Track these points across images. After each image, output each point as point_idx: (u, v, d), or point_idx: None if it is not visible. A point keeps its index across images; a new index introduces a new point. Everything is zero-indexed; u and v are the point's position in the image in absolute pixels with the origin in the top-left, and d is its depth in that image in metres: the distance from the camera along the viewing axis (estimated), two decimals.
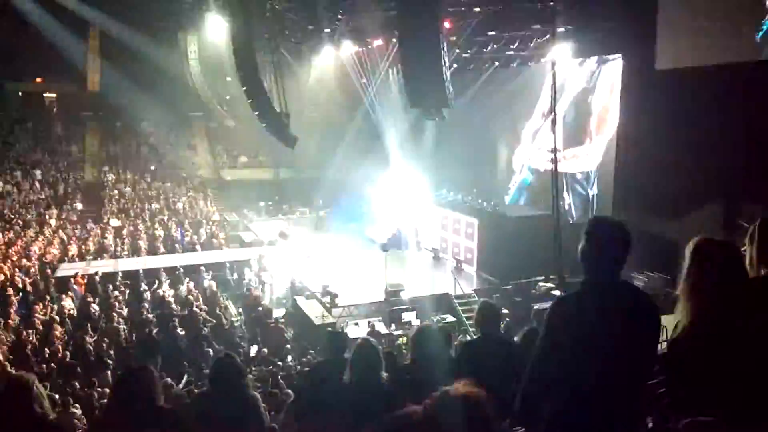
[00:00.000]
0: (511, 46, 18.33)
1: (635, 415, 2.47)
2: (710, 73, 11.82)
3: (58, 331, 12.69)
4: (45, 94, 32.32)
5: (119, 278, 16.28)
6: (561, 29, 15.53)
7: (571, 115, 17.30)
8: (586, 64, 16.89)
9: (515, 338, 5.32)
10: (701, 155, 12.18)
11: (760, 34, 11.00)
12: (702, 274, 2.40)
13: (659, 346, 2.57)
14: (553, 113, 14.23)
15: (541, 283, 15.25)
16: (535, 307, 13.97)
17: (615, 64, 15.94)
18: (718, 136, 11.84)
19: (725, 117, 11.65)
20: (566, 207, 16.91)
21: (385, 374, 3.62)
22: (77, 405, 8.59)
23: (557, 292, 14.53)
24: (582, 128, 17.05)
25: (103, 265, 17.53)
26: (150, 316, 14.04)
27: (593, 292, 2.47)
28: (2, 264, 16.68)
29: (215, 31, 22.34)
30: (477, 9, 16.14)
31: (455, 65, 18.78)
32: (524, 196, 19.62)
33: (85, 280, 15.91)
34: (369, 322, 14.15)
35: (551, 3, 14.93)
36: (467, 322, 14.13)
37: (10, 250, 18.14)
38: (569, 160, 17.09)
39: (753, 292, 2.46)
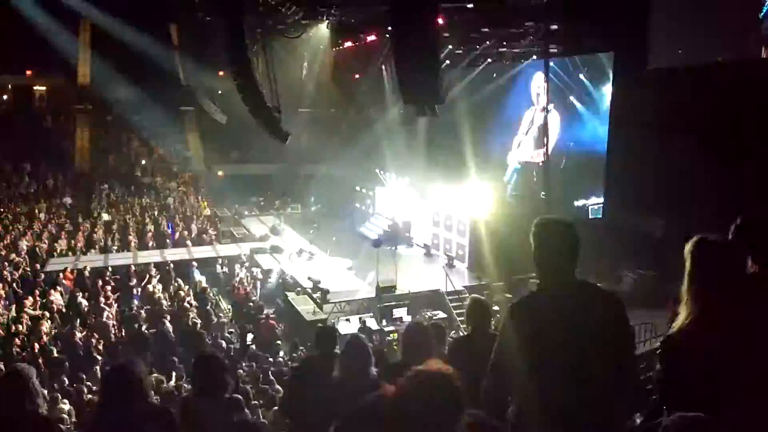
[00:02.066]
0: (504, 43, 18.35)
1: (607, 413, 2.44)
2: (703, 71, 11.91)
3: (47, 325, 12.60)
4: (35, 87, 32.01)
5: (109, 273, 16.19)
6: (554, 27, 15.57)
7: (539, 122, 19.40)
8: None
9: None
10: (692, 154, 12.25)
11: (763, 13, 11.09)
12: (703, 273, 2.41)
13: (645, 343, 2.58)
14: (546, 108, 14.27)
15: (532, 280, 15.28)
16: None
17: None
18: (710, 134, 11.90)
19: (717, 116, 11.71)
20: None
21: (375, 370, 3.62)
22: (65, 400, 8.53)
23: None
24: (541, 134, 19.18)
25: (92, 260, 17.43)
26: (140, 311, 13.98)
27: (549, 294, 2.47)
28: None
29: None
30: (470, 5, 16.10)
31: (447, 61, 18.79)
32: (515, 179, 21.28)
33: (75, 275, 15.80)
34: (360, 318, 14.15)
35: (544, 0, 14.94)
36: (458, 319, 14.15)
37: None
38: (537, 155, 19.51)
39: (755, 287, 2.49)
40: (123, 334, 13.07)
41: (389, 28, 12.57)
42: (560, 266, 2.45)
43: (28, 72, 31.05)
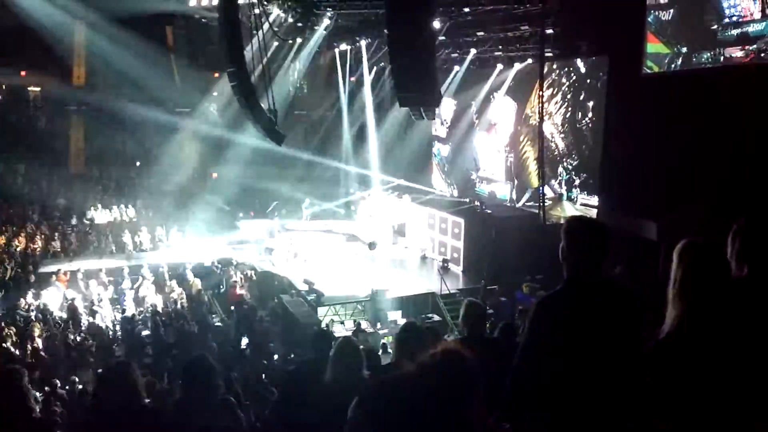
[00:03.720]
0: (499, 47, 18.41)
1: (621, 413, 2.49)
2: (699, 76, 11.96)
3: (40, 327, 12.54)
4: (29, 88, 31.89)
5: (103, 275, 16.13)
6: (549, 31, 15.61)
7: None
8: None
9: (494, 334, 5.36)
10: (685, 158, 12.29)
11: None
12: (689, 276, 2.42)
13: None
14: (541, 114, 14.31)
15: (526, 283, 15.30)
16: (520, 307, 14.06)
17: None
18: (705, 139, 11.94)
19: (713, 120, 11.74)
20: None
21: (366, 372, 3.61)
22: (58, 403, 8.49)
23: (543, 293, 14.56)
24: None
25: (86, 262, 17.37)
26: (134, 313, 13.94)
27: (577, 291, 2.51)
28: None
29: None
30: (466, 9, 16.16)
31: (445, 66, 18.85)
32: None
33: (68, 277, 15.75)
34: (355, 321, 14.14)
35: (540, 5, 14.99)
36: (453, 322, 14.14)
37: None
38: None
39: (738, 291, 2.49)
40: (117, 336, 13.03)
41: (385, 31, 12.60)
42: (588, 264, 2.55)
43: (23, 72, 30.93)
